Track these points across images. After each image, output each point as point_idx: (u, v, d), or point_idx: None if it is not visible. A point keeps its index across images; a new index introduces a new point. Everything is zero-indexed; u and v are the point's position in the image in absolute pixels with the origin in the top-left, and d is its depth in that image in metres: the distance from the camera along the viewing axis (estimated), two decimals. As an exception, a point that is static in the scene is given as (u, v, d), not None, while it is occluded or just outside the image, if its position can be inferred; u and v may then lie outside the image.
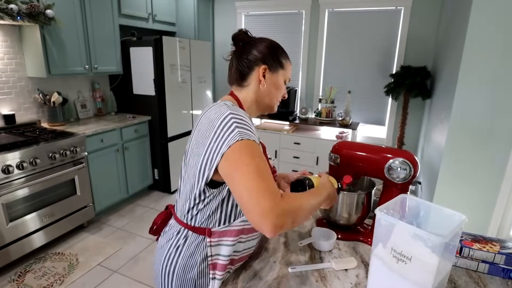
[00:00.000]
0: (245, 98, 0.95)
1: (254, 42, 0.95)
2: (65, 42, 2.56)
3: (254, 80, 0.93)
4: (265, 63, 0.93)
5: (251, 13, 4.05)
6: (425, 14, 3.23)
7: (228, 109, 0.81)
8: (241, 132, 0.76)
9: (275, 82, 0.95)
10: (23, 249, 2.19)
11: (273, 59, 0.94)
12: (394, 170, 1.04)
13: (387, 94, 3.32)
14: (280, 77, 0.96)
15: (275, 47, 0.96)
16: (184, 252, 0.88)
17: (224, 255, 0.88)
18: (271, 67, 0.94)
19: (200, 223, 0.87)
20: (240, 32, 0.97)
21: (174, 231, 0.92)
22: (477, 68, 1.90)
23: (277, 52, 0.95)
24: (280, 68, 0.95)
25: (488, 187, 2.01)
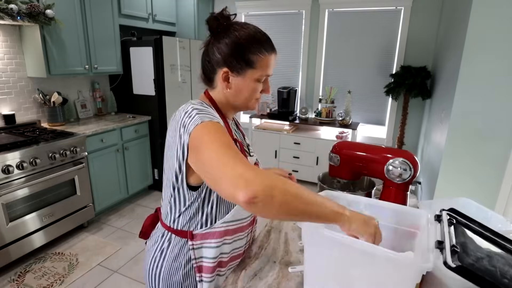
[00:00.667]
0: (217, 98, 0.88)
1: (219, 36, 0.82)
2: (65, 42, 2.56)
3: (219, 83, 0.85)
4: (227, 66, 0.81)
5: (251, 13, 4.05)
6: (425, 14, 3.23)
7: (191, 105, 0.79)
8: (201, 115, 0.74)
9: (242, 86, 0.83)
10: (23, 249, 2.19)
11: (237, 60, 0.80)
12: (394, 170, 1.04)
13: (387, 94, 3.32)
14: (248, 79, 0.82)
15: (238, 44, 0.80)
16: (168, 255, 0.88)
17: (208, 257, 0.87)
18: (234, 69, 0.81)
19: (182, 226, 0.86)
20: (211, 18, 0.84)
21: (159, 234, 0.92)
22: (477, 68, 1.90)
23: (243, 51, 0.80)
24: (248, 68, 0.81)
25: (488, 187, 2.01)
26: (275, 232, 1.14)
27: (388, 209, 0.84)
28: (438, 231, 0.71)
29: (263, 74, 0.83)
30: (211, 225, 0.86)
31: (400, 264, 0.62)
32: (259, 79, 0.83)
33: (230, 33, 0.81)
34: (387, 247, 0.64)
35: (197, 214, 0.84)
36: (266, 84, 0.87)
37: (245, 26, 0.83)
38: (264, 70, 0.83)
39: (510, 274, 0.59)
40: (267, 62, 0.82)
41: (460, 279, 0.57)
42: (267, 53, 0.82)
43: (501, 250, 0.67)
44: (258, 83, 0.84)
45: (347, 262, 0.70)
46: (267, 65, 0.83)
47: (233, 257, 0.94)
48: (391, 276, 0.64)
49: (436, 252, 0.63)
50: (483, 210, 0.97)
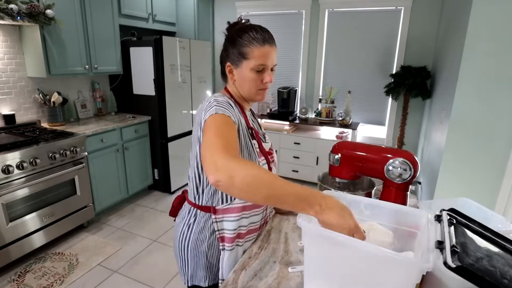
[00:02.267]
0: (232, 92, 1.02)
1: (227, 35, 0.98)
2: (65, 42, 2.56)
3: (229, 77, 1.00)
4: (229, 60, 0.96)
5: (251, 13, 4.05)
6: (425, 14, 3.23)
7: (214, 97, 0.92)
8: (217, 108, 0.86)
9: (242, 76, 0.96)
10: (23, 249, 2.19)
11: (233, 53, 0.95)
12: (394, 170, 1.04)
13: (387, 94, 3.32)
14: (245, 69, 0.94)
15: (232, 39, 0.95)
16: (195, 229, 1.00)
17: (229, 229, 0.98)
18: (233, 62, 0.96)
19: (205, 202, 0.98)
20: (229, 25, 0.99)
21: (186, 211, 1.04)
22: (477, 68, 1.90)
23: (235, 44, 0.94)
24: (243, 59, 0.93)
25: (488, 187, 2.01)
26: (275, 232, 1.14)
27: (388, 209, 0.84)
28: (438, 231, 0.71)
29: (258, 64, 0.93)
30: (231, 201, 0.97)
31: (400, 264, 0.62)
32: (254, 68, 0.93)
33: (227, 32, 0.97)
34: None
35: (218, 190, 0.95)
36: (264, 73, 0.96)
37: (243, 24, 0.97)
38: (258, 60, 0.92)
39: (510, 275, 0.59)
40: (260, 52, 0.92)
41: (460, 279, 0.57)
42: (258, 44, 0.92)
43: (501, 250, 0.67)
44: (257, 73, 0.94)
45: (347, 262, 0.70)
46: (260, 55, 0.92)
47: (250, 230, 1.03)
48: (391, 276, 0.64)
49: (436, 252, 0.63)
50: (483, 210, 0.97)
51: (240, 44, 0.93)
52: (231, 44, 0.95)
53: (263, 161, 1.00)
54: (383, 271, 0.65)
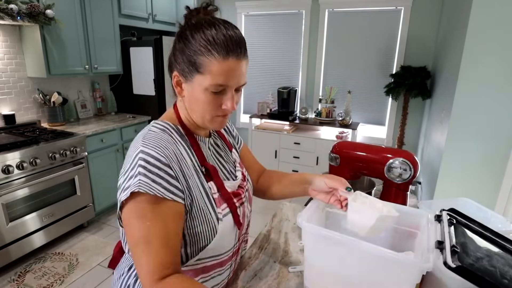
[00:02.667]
0: (182, 112, 0.75)
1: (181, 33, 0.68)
2: (65, 42, 2.56)
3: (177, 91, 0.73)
4: (176, 68, 0.69)
5: (251, 13, 4.04)
6: (425, 14, 3.23)
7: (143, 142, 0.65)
8: (141, 181, 0.61)
9: (191, 95, 0.68)
10: (23, 249, 2.19)
11: (183, 61, 0.66)
12: (394, 170, 1.04)
13: (387, 94, 3.32)
14: (197, 87, 0.66)
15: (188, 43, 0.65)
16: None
17: None
18: (182, 73, 0.67)
19: None
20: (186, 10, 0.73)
21: (126, 266, 0.79)
22: (477, 68, 1.90)
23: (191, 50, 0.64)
24: (195, 72, 0.65)
25: (488, 187, 2.01)
26: (275, 232, 1.14)
27: None
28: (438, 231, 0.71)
29: (214, 83, 0.64)
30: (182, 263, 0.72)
31: (400, 264, 0.62)
32: (209, 89, 0.65)
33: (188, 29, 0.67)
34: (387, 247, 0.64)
35: None
36: (224, 96, 0.67)
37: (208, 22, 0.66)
38: (216, 79, 0.64)
39: (510, 275, 0.59)
40: (220, 68, 0.63)
41: (460, 279, 0.57)
42: (219, 56, 0.63)
43: (501, 250, 0.67)
44: (214, 94, 0.66)
45: (347, 262, 0.70)
46: (220, 72, 0.63)
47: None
48: (391, 276, 0.64)
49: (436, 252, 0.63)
50: (483, 210, 0.97)
51: (192, 48, 0.64)
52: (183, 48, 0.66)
53: (225, 211, 0.73)
54: (383, 271, 0.65)
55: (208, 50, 0.63)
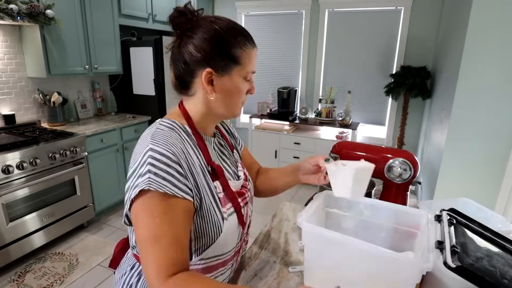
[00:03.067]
0: (193, 110, 0.75)
1: (192, 33, 0.70)
2: (65, 42, 2.56)
3: (200, 89, 0.72)
4: (210, 65, 0.69)
5: (251, 13, 4.05)
6: (425, 14, 3.23)
7: (152, 140, 0.66)
8: (151, 179, 0.61)
9: (229, 87, 0.72)
10: (23, 249, 2.19)
11: (221, 57, 0.69)
12: (394, 170, 1.04)
13: (387, 94, 3.32)
14: (236, 77, 0.72)
15: (219, 38, 0.69)
16: None
17: None
18: (219, 68, 0.70)
19: None
20: (176, 14, 0.70)
21: (128, 266, 0.79)
22: (477, 68, 1.90)
23: (225, 45, 0.69)
24: (233, 65, 0.70)
25: (489, 187, 2.01)
26: (275, 232, 1.14)
27: (388, 209, 0.84)
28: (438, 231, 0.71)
29: (249, 70, 0.73)
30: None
31: (400, 264, 0.62)
32: (246, 76, 0.73)
33: (207, 27, 0.69)
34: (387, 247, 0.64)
35: None
36: (251, 83, 0.76)
37: (221, 18, 0.72)
38: (249, 66, 0.73)
39: (510, 275, 0.59)
40: (251, 56, 0.73)
41: (460, 279, 0.57)
42: (250, 46, 0.72)
43: (501, 250, 0.67)
44: (245, 82, 0.74)
45: (347, 262, 0.70)
46: (251, 60, 0.73)
47: None
48: (391, 276, 0.64)
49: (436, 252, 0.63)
50: (483, 210, 0.97)
51: (231, 44, 0.69)
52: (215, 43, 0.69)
53: (230, 210, 0.75)
54: (383, 271, 0.65)
55: (244, 43, 0.71)
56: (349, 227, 0.88)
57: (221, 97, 0.73)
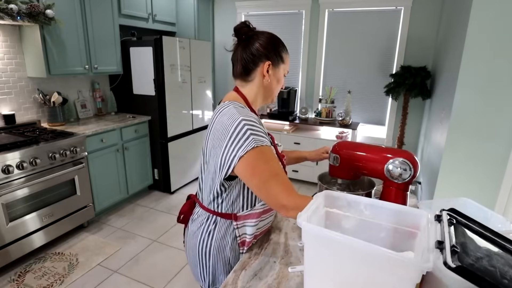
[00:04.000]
0: (250, 93, 1.01)
1: (256, 36, 0.98)
2: (65, 42, 2.56)
3: (259, 76, 0.99)
4: (269, 59, 0.97)
5: (251, 13, 4.05)
6: (425, 14, 3.23)
7: (239, 114, 0.89)
8: (256, 139, 0.85)
9: (278, 77, 1.01)
10: (23, 249, 2.19)
11: (276, 54, 0.98)
12: (394, 170, 1.04)
13: (387, 94, 3.32)
14: (281, 71, 1.01)
15: (276, 41, 0.99)
16: (216, 235, 1.00)
17: (249, 234, 1.00)
18: (274, 62, 0.98)
19: (226, 209, 0.98)
20: (242, 25, 0.98)
21: (203, 219, 1.03)
22: (477, 68, 1.90)
23: (279, 47, 0.99)
24: (281, 62, 1.00)
25: (488, 187, 2.01)
26: (275, 232, 1.14)
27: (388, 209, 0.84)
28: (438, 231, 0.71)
29: (287, 69, 1.04)
30: (251, 207, 0.99)
31: (400, 264, 0.62)
32: (285, 73, 1.03)
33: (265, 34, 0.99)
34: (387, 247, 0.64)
35: (238, 199, 0.97)
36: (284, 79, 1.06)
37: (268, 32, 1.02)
38: (287, 67, 1.04)
39: (510, 275, 0.59)
40: (288, 60, 1.03)
41: (460, 279, 0.57)
42: (288, 53, 1.03)
43: (501, 250, 0.67)
44: (283, 77, 1.04)
45: (347, 262, 0.70)
46: (288, 62, 1.04)
47: (264, 231, 1.08)
48: (391, 276, 0.64)
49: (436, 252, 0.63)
50: (483, 210, 0.97)
51: (281, 47, 1.00)
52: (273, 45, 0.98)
53: None
54: (383, 271, 0.65)
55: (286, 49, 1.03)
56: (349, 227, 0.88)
57: (270, 84, 1.01)
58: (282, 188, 0.84)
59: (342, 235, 0.67)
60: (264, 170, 0.84)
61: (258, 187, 0.86)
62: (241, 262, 0.98)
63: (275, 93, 1.05)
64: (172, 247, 2.49)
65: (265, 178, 0.84)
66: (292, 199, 0.83)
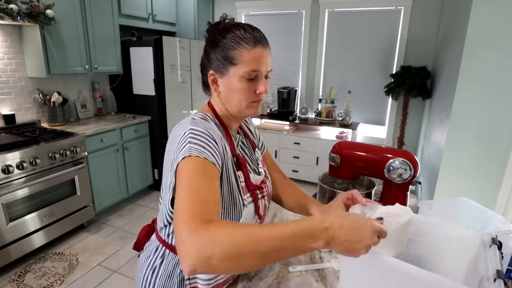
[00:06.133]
0: (217, 107, 0.84)
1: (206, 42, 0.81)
2: (65, 42, 2.56)
3: (212, 89, 0.82)
4: (212, 68, 0.78)
5: (251, 13, 4.05)
6: (425, 14, 3.23)
7: (191, 124, 0.74)
8: (191, 147, 0.68)
9: (229, 87, 0.77)
10: (23, 249, 2.19)
11: (217, 59, 0.76)
12: (394, 170, 1.04)
13: (387, 94, 3.32)
14: (233, 78, 0.76)
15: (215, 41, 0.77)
16: (161, 273, 0.81)
17: (203, 278, 0.80)
18: (217, 70, 0.77)
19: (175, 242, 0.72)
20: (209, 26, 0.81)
21: (152, 249, 0.87)
22: (477, 68, 1.90)
23: (219, 47, 0.76)
24: (230, 65, 0.75)
25: (488, 187, 2.01)
26: (275, 232, 1.14)
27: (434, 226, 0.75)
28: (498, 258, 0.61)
29: (248, 70, 0.74)
30: None
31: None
32: (244, 76, 0.75)
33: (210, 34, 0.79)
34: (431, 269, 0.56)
35: None
36: (257, 82, 0.77)
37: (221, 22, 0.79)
38: (249, 66, 0.74)
39: None
40: (250, 56, 0.74)
41: None
42: (248, 45, 0.74)
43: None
44: (247, 81, 0.76)
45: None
46: (251, 59, 0.74)
47: (229, 278, 0.86)
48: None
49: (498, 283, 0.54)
50: (483, 210, 0.97)
51: (225, 46, 0.75)
52: (214, 48, 0.77)
53: (248, 199, 0.82)
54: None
55: (238, 43, 0.74)
56: None
57: (224, 97, 0.80)
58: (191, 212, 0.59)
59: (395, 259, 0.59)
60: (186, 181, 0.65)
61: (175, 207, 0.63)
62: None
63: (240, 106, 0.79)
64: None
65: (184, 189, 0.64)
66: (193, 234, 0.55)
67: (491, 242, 0.66)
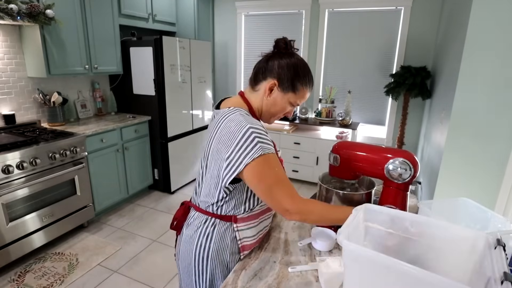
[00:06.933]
0: (254, 103, 1.00)
1: (283, 55, 0.97)
2: (65, 42, 2.56)
3: (263, 89, 0.98)
4: (278, 79, 0.95)
5: (251, 13, 4.05)
6: (425, 14, 3.23)
7: (246, 121, 0.89)
8: (263, 147, 0.86)
9: (277, 101, 0.98)
10: (23, 249, 2.19)
11: (287, 79, 0.95)
12: (394, 170, 1.04)
13: (387, 94, 3.32)
14: (285, 99, 0.98)
15: (295, 69, 0.96)
16: (215, 238, 0.98)
17: (249, 236, 1.01)
18: (282, 85, 0.96)
19: (226, 212, 0.98)
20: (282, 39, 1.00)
21: (200, 221, 1.01)
22: (477, 68, 1.90)
23: (295, 75, 0.96)
24: (291, 91, 0.96)
25: (488, 187, 2.01)
26: (275, 232, 1.14)
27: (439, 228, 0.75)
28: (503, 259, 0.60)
29: (297, 101, 0.99)
30: (250, 209, 1.00)
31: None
32: (292, 103, 0.99)
33: (293, 57, 0.97)
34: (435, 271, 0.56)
35: (240, 201, 0.98)
36: (291, 109, 1.02)
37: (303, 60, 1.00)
38: (299, 99, 0.99)
39: None
40: (305, 94, 0.99)
41: None
42: (309, 87, 0.99)
43: None
44: (289, 106, 1.00)
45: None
46: (303, 96, 0.99)
47: (264, 233, 1.08)
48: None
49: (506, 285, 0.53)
50: (483, 210, 0.97)
51: (299, 78, 0.96)
52: (290, 70, 0.95)
53: None
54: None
55: (306, 83, 0.98)
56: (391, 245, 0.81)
57: (270, 104, 0.99)
58: (286, 194, 0.87)
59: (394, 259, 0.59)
60: (270, 176, 0.87)
61: (263, 192, 0.88)
62: (241, 262, 0.98)
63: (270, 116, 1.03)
64: (172, 247, 2.49)
65: (270, 184, 0.87)
66: (295, 204, 0.87)
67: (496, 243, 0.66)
